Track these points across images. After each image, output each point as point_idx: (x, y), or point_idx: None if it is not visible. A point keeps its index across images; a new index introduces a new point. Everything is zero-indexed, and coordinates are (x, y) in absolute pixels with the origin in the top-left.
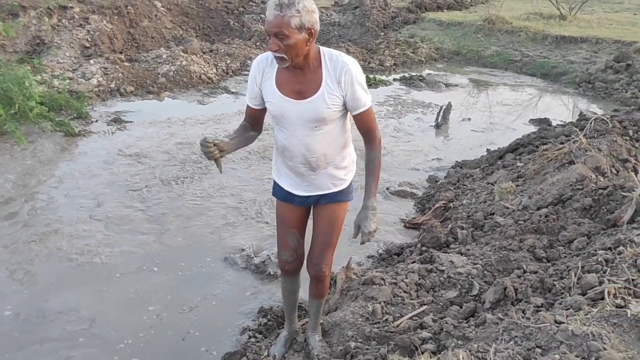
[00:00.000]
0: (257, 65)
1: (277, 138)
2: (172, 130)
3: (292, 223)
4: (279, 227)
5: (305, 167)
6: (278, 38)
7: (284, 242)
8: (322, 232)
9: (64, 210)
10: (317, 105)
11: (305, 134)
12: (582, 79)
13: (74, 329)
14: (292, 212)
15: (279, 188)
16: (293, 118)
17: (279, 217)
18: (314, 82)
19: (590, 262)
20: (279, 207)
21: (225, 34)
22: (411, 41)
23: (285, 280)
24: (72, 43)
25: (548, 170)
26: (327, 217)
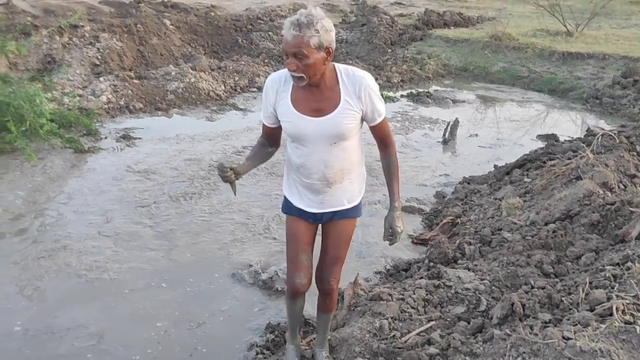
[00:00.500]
0: (271, 85)
1: (291, 156)
2: (180, 146)
3: (305, 241)
4: (291, 246)
5: (322, 183)
6: (297, 58)
7: (298, 261)
8: (332, 247)
9: (73, 226)
10: (337, 121)
11: (324, 150)
12: (590, 95)
13: (82, 345)
14: (305, 230)
15: (291, 205)
16: (311, 135)
17: (292, 236)
18: (331, 98)
19: (598, 278)
20: (291, 225)
21: (233, 51)
22: (418, 58)
23: (296, 302)
24: (83, 61)
25: (555, 185)
26: (338, 232)
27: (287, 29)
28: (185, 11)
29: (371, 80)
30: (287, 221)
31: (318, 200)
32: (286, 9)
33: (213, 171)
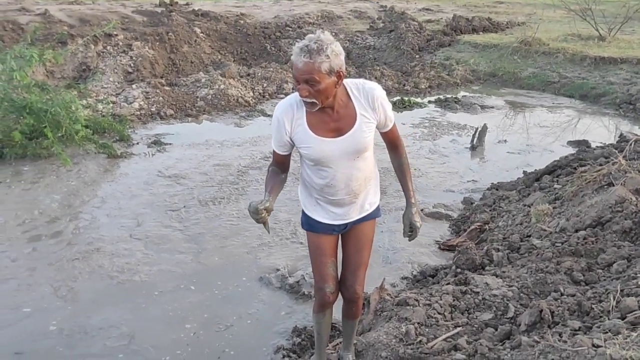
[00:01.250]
0: (284, 114)
1: (312, 178)
2: (210, 152)
3: (330, 252)
4: (318, 259)
5: (349, 196)
6: (309, 84)
7: (326, 274)
8: (354, 253)
9: (106, 229)
10: (357, 136)
11: (348, 166)
12: (623, 100)
13: (114, 344)
14: (330, 242)
15: (314, 222)
16: (335, 156)
17: (317, 250)
18: (348, 116)
19: (630, 286)
20: (315, 240)
21: (262, 58)
22: (446, 63)
23: (325, 314)
24: (116, 69)
25: (586, 192)
26: (358, 237)
27: (296, 56)
28: (215, 19)
29: (380, 89)
30: (310, 237)
31: (343, 213)
32: (314, 16)
33: (241, 176)
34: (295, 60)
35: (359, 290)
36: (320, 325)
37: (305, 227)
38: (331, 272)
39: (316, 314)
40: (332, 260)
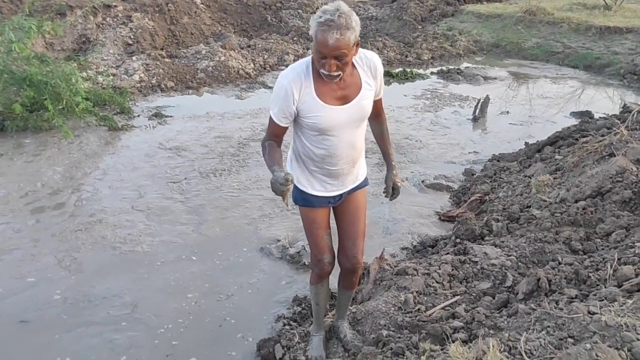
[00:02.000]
0: (292, 83)
1: (310, 150)
2: (210, 124)
3: (326, 224)
4: (315, 232)
5: (348, 165)
6: (338, 59)
7: (323, 246)
8: (352, 222)
9: (108, 201)
10: (362, 104)
11: (351, 135)
12: (627, 71)
13: (117, 313)
14: (325, 214)
15: (309, 196)
16: (341, 124)
17: (313, 224)
18: (354, 84)
19: (627, 254)
20: (310, 215)
21: (262, 29)
22: (449, 34)
23: (323, 284)
24: (116, 41)
25: (587, 162)
26: (354, 206)
27: (325, 32)
28: None
29: (379, 58)
30: (305, 211)
31: (339, 183)
32: None
33: (242, 148)
34: (323, 37)
35: (360, 258)
36: (318, 295)
37: (300, 202)
38: (328, 243)
39: (314, 285)
40: (328, 232)
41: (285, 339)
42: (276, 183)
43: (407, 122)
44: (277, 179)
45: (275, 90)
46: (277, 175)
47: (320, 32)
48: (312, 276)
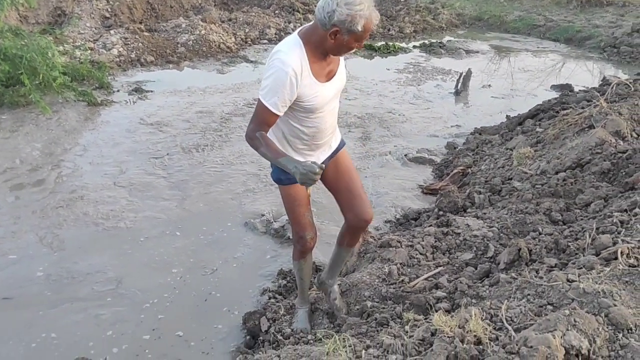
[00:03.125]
0: (296, 70)
1: (298, 130)
2: (192, 99)
3: (306, 200)
4: (298, 210)
5: (330, 135)
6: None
7: (305, 223)
8: (349, 181)
9: (89, 177)
10: (342, 75)
11: (334, 106)
12: (607, 44)
13: (102, 289)
14: (305, 191)
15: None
16: (330, 99)
17: (296, 201)
18: (336, 58)
19: (605, 224)
20: (292, 192)
21: (243, 2)
22: (431, 7)
23: (306, 260)
24: (93, 14)
25: (567, 135)
26: (343, 167)
27: (369, 11)
28: None
29: None
30: (286, 190)
31: (323, 151)
32: None
33: (225, 123)
34: (369, 16)
35: (371, 211)
36: (302, 271)
37: (285, 182)
38: (309, 220)
39: (297, 261)
40: (309, 208)
41: (271, 311)
42: (309, 173)
43: (390, 96)
44: (311, 168)
45: (274, 78)
46: (308, 165)
47: (366, 20)
48: (295, 252)
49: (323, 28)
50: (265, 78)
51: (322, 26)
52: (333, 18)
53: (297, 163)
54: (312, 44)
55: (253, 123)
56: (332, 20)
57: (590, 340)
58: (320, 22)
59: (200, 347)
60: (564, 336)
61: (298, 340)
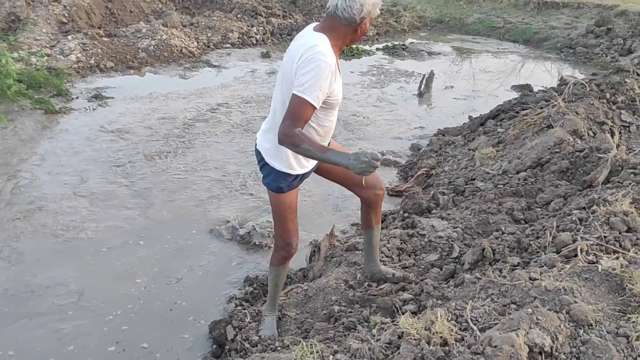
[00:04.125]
0: (334, 61)
1: (319, 128)
2: (154, 105)
3: (296, 206)
4: (288, 217)
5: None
6: None
7: (293, 229)
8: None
9: (48, 187)
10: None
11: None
12: (564, 44)
13: (62, 302)
14: (296, 195)
15: (295, 179)
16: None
17: (289, 209)
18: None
19: (565, 222)
20: (287, 200)
21: (205, 6)
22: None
23: (284, 267)
24: (49, 19)
25: (527, 134)
26: None
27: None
28: None
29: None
30: (283, 198)
31: None
32: None
33: (188, 129)
34: (378, 4)
35: (380, 180)
36: (279, 277)
37: (286, 189)
38: (296, 226)
39: (277, 267)
40: (296, 214)
41: (237, 319)
42: (372, 161)
43: (354, 98)
44: (374, 156)
45: (317, 72)
46: (370, 154)
47: (378, 6)
48: (276, 258)
49: (351, 25)
50: (304, 73)
51: (349, 23)
52: (361, 12)
53: (351, 155)
54: (335, 40)
55: (290, 120)
56: (361, 14)
57: (552, 338)
58: (346, 20)
59: (166, 358)
60: (527, 334)
61: (266, 348)
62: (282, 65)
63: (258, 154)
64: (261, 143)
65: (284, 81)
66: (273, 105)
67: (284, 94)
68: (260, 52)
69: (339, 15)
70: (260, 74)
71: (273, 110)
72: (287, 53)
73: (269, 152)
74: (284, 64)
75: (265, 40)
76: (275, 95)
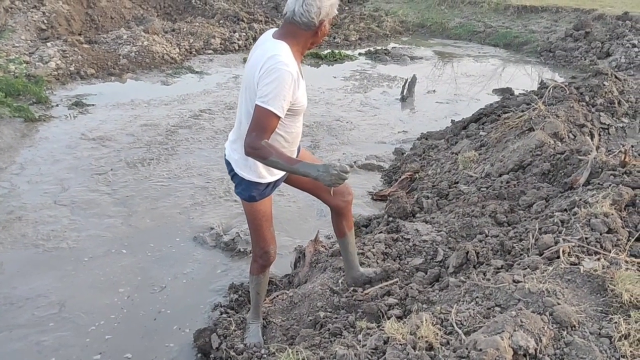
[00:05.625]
0: (295, 71)
1: (286, 136)
2: (136, 112)
3: (271, 214)
4: (264, 225)
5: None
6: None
7: (270, 237)
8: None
9: (28, 196)
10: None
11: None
12: (543, 48)
13: (43, 314)
14: (271, 203)
15: (266, 187)
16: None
17: (264, 217)
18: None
19: (547, 224)
20: (262, 208)
21: (187, 12)
22: (376, 15)
23: (264, 275)
24: (28, 26)
25: (509, 137)
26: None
27: (336, 3)
28: None
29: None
30: (258, 207)
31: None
32: None
33: (170, 136)
34: (335, 4)
35: (349, 187)
36: (260, 285)
37: (258, 198)
38: (273, 234)
39: (257, 276)
40: (272, 222)
41: (222, 327)
42: (341, 174)
43: (337, 104)
44: (342, 169)
45: (279, 82)
46: (339, 166)
47: (335, 6)
48: (255, 267)
49: (310, 29)
50: (267, 84)
51: (308, 28)
52: (319, 14)
53: (320, 166)
54: (296, 46)
55: (255, 131)
56: (320, 17)
57: (536, 340)
58: (305, 25)
59: None
60: (511, 337)
61: (251, 356)
62: (244, 75)
63: (228, 164)
64: (229, 154)
65: (247, 91)
66: (238, 116)
67: (247, 103)
68: (242, 58)
69: (297, 20)
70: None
71: (239, 121)
72: (248, 62)
73: (238, 162)
74: (245, 74)
75: (248, 45)
76: (239, 105)
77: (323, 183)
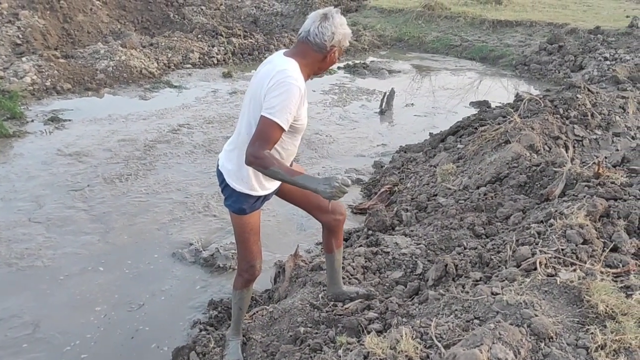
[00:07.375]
0: (302, 83)
1: (283, 151)
2: (113, 127)
3: (259, 228)
4: (252, 239)
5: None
6: None
7: (256, 251)
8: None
9: (1, 214)
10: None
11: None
12: (519, 62)
13: (16, 335)
14: (259, 217)
15: (257, 200)
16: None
17: (252, 230)
18: None
19: (524, 236)
20: (251, 221)
21: (165, 27)
22: (354, 29)
23: (248, 290)
24: (2, 40)
25: (486, 150)
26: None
27: (349, 28)
28: None
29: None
30: (247, 220)
31: None
32: None
33: (149, 151)
34: (348, 36)
35: (342, 205)
36: (243, 300)
37: (248, 211)
38: (260, 248)
39: (240, 290)
40: (259, 236)
41: (201, 345)
42: (342, 187)
43: (316, 117)
44: (344, 182)
45: (287, 95)
46: (341, 179)
47: (347, 29)
48: (239, 281)
49: (321, 51)
50: (275, 96)
51: (319, 50)
52: (332, 39)
53: (321, 179)
54: (305, 66)
55: (259, 141)
56: (332, 42)
57: (515, 352)
58: (317, 47)
59: None
60: (490, 350)
61: None
62: (251, 88)
63: (220, 175)
64: (223, 164)
65: (252, 103)
66: (238, 127)
67: (250, 115)
68: (221, 72)
69: (310, 40)
70: (222, 94)
71: (238, 131)
72: (255, 76)
73: (231, 173)
74: (252, 87)
75: (227, 60)
76: (241, 116)
77: (323, 196)
